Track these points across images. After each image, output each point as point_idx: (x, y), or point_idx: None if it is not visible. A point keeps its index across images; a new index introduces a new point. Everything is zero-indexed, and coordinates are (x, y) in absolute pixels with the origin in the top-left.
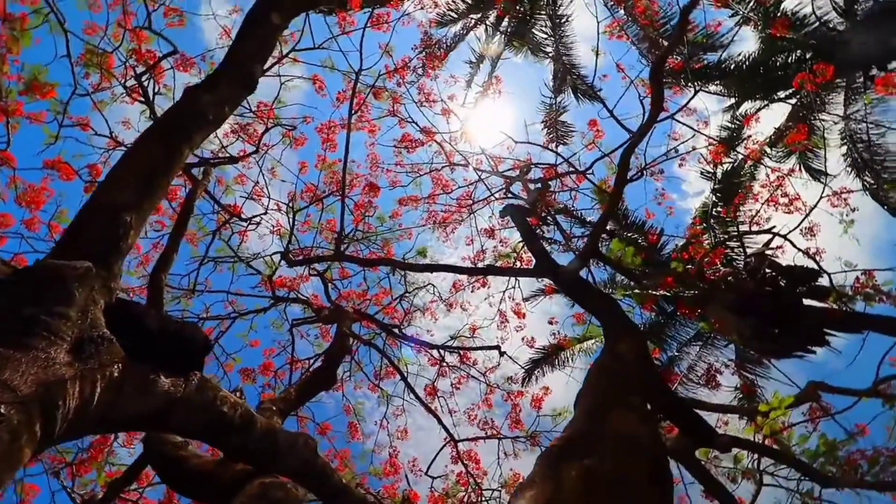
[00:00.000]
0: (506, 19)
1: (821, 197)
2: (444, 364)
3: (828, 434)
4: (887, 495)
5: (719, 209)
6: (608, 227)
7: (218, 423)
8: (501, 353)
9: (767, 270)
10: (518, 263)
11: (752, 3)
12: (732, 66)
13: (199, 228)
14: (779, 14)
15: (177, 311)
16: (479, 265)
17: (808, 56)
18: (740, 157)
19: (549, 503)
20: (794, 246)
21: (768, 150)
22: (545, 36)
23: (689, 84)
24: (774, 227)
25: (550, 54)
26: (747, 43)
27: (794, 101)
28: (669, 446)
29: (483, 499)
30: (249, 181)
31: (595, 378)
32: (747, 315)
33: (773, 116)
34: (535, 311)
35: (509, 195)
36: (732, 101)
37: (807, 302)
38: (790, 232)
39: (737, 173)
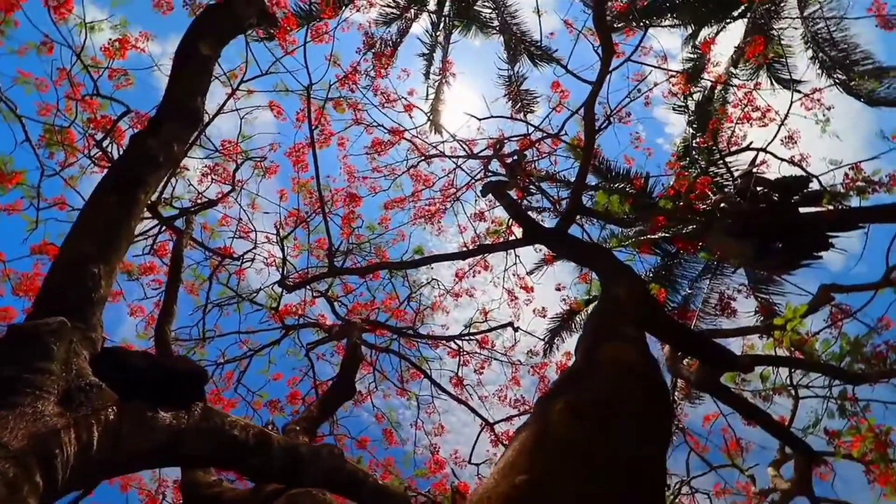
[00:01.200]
0: (447, 3)
1: (791, 102)
2: (464, 353)
3: (850, 335)
4: None
5: (697, 140)
6: (596, 183)
7: (231, 447)
8: (515, 329)
9: (757, 188)
10: (510, 238)
11: None
12: None
13: (195, 278)
14: None
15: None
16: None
17: None
18: (708, 84)
19: (536, 438)
20: (777, 157)
21: (734, 70)
22: (489, 10)
23: (640, 23)
24: (752, 142)
25: (497, 27)
26: None
27: (748, 16)
28: (694, 379)
29: None
30: (233, 220)
31: (591, 322)
32: (747, 237)
33: (733, 37)
34: (541, 282)
35: (489, 174)
36: (689, 31)
37: (803, 210)
38: (769, 143)
39: (708, 101)
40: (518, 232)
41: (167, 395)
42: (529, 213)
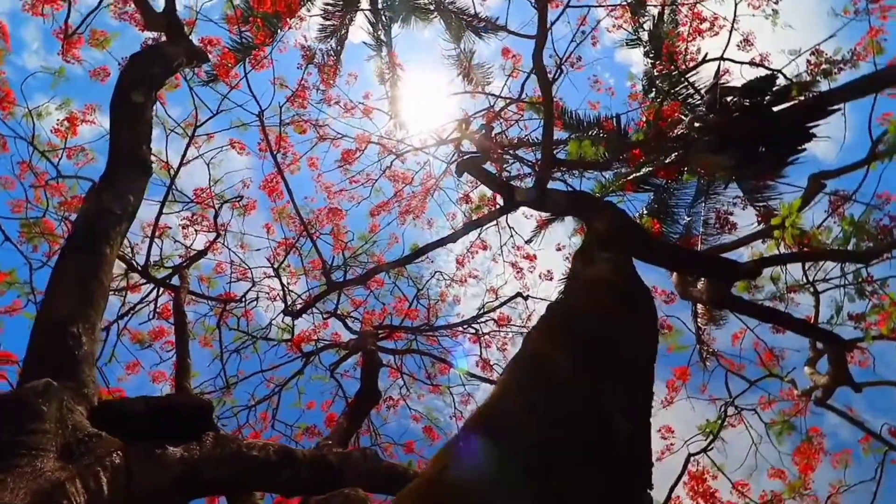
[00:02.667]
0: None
1: (737, 4)
2: (483, 335)
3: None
4: None
5: (656, 68)
6: (569, 136)
7: (253, 466)
8: (525, 298)
9: (726, 98)
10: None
11: None
12: None
13: (205, 330)
14: None
15: (226, 412)
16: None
17: None
18: (655, 10)
19: (513, 359)
20: (736, 62)
21: None
22: None
23: None
24: (707, 54)
25: (434, 10)
26: None
27: None
28: (706, 298)
29: None
30: (227, 264)
31: (575, 259)
32: (728, 149)
33: None
34: (542, 247)
35: (462, 156)
36: None
37: (776, 109)
38: (724, 51)
39: (658, 27)
40: (500, 202)
41: (174, 431)
42: (512, 181)
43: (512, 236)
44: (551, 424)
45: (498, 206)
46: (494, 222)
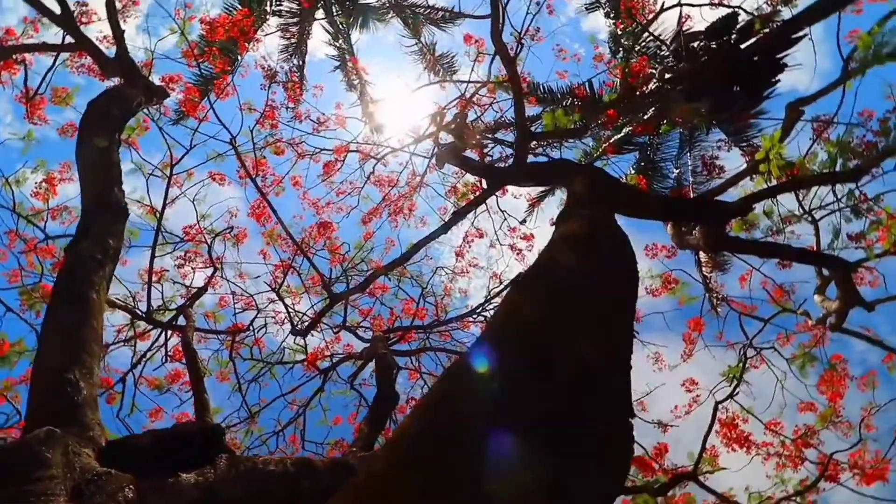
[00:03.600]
0: (333, 7)
1: None
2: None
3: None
4: None
5: (618, 27)
6: (543, 110)
7: (271, 481)
8: None
9: (692, 44)
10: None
11: None
12: None
13: (219, 365)
14: None
15: (255, 441)
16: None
17: None
18: None
19: (493, 319)
20: (695, 5)
21: None
22: None
23: None
24: (664, 2)
25: (388, 9)
26: None
27: None
28: (703, 243)
29: None
30: (229, 297)
31: (556, 222)
32: (702, 94)
33: None
34: (538, 225)
35: (442, 148)
36: None
37: (743, 46)
38: None
39: None
40: (485, 185)
41: (186, 459)
42: (497, 164)
43: (506, 219)
44: (521, 362)
45: (482, 190)
46: (485, 209)
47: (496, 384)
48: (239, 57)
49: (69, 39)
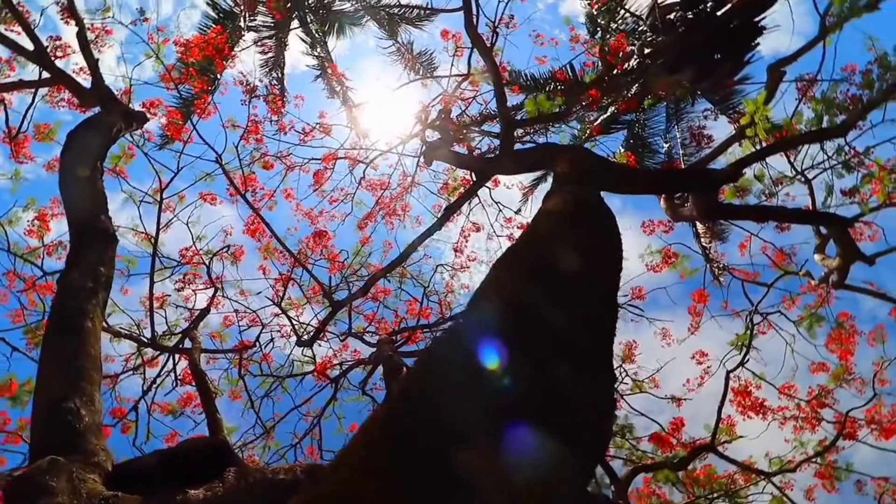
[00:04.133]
0: (308, 17)
1: None
2: None
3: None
4: None
5: (593, 6)
6: (526, 97)
7: (280, 489)
8: None
9: (668, 16)
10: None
11: None
12: None
13: (230, 384)
14: None
15: (273, 456)
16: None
17: None
18: None
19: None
20: None
21: None
22: (349, 3)
23: None
24: None
25: (362, 12)
26: None
27: None
28: (696, 213)
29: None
30: (233, 316)
31: (543, 201)
32: (683, 65)
33: None
34: (533, 215)
35: (430, 145)
36: None
37: (720, 12)
38: None
39: None
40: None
41: (195, 475)
42: (487, 156)
43: (501, 211)
44: (504, 336)
45: (472, 182)
46: (479, 202)
47: (476, 359)
48: (218, 75)
49: (46, 74)
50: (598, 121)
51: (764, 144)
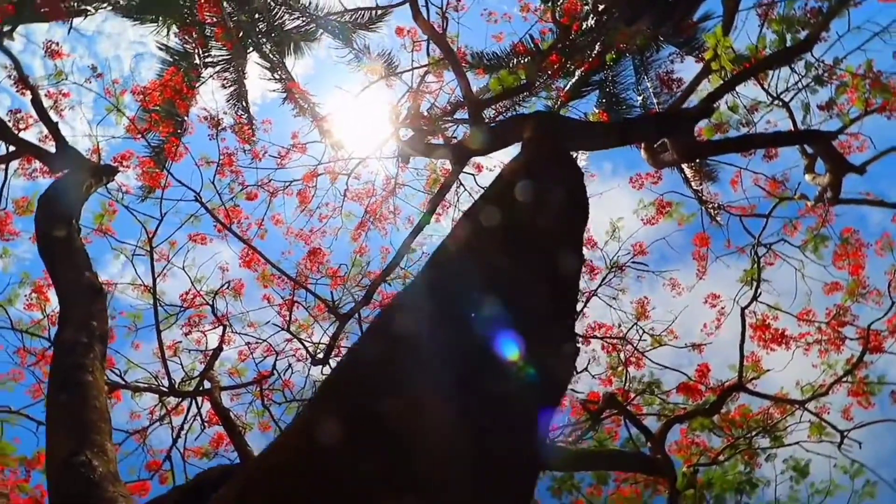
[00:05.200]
0: (263, 41)
1: None
2: None
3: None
4: None
5: None
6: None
7: None
8: None
9: None
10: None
11: None
12: None
13: (256, 415)
14: None
15: None
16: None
17: None
18: None
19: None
20: None
21: None
22: (296, 20)
23: None
24: None
25: (315, 28)
26: None
27: None
28: (677, 157)
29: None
30: (246, 350)
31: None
32: (640, 14)
33: None
34: None
35: (404, 143)
36: None
37: None
38: None
39: None
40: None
41: None
42: (458, 141)
43: None
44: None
45: (450, 170)
46: (465, 190)
47: (432, 311)
48: (182, 117)
49: (12, 148)
50: (568, 86)
51: (732, 75)
